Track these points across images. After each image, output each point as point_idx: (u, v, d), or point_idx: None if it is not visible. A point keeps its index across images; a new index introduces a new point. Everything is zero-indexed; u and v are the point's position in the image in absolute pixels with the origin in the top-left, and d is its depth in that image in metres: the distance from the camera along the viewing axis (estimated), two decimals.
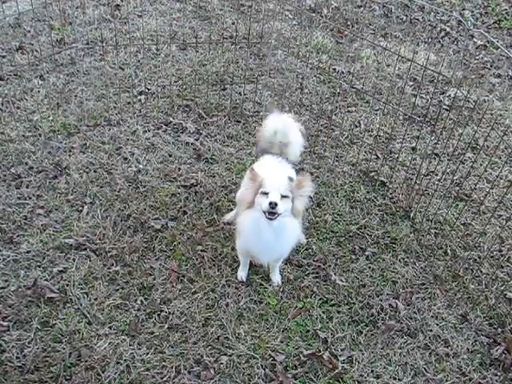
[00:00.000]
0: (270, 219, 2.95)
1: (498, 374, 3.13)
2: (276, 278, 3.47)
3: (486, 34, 3.60)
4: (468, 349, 3.25)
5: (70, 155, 4.22)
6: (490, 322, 3.42)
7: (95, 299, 3.24)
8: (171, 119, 4.69)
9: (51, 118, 4.52)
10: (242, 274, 3.46)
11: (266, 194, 2.95)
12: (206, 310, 3.27)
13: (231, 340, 3.11)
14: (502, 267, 3.77)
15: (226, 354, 3.05)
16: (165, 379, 2.91)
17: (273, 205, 2.89)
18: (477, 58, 6.38)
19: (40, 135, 4.35)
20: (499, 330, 3.37)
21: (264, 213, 2.95)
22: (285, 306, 3.33)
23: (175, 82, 5.10)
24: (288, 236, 3.13)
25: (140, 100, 4.88)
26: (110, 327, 3.12)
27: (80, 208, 3.81)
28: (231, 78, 5.01)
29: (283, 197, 2.96)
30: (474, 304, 3.48)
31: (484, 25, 7.10)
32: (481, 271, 3.72)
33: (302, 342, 3.16)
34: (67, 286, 3.29)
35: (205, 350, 3.05)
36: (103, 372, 2.91)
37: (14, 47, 5.32)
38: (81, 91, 4.86)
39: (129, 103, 4.79)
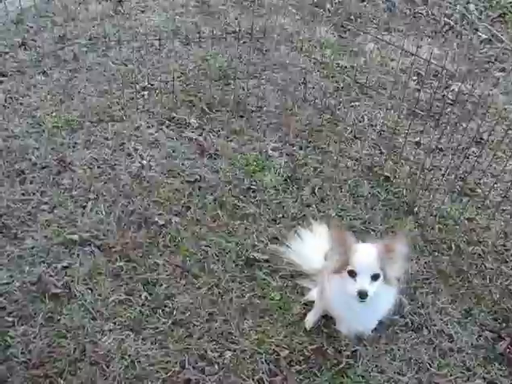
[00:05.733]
0: (361, 301, 2.61)
1: (503, 368, 3.13)
2: None
3: (491, 28, 3.58)
4: (472, 344, 3.24)
5: (73, 151, 4.23)
6: (494, 317, 3.40)
7: (99, 295, 3.25)
8: (174, 115, 4.68)
9: (54, 114, 4.52)
10: (342, 327, 3.16)
11: (353, 273, 2.63)
12: (210, 305, 3.27)
13: (235, 335, 3.12)
14: (507, 262, 3.76)
15: (230, 349, 3.06)
16: (169, 374, 2.92)
17: (363, 295, 2.57)
18: (481, 51, 6.35)
19: (43, 131, 4.35)
20: (503, 324, 3.36)
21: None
22: (289, 301, 3.33)
23: (178, 77, 5.08)
24: (380, 307, 2.87)
25: (143, 96, 4.87)
26: (115, 322, 3.13)
27: (84, 204, 3.82)
28: (234, 73, 4.99)
29: (374, 276, 2.62)
30: (479, 299, 3.47)
31: (488, 18, 7.06)
32: (485, 266, 3.70)
33: (306, 337, 3.16)
34: (71, 281, 3.30)
35: (209, 345, 3.06)
36: (108, 367, 2.92)
37: (17, 43, 5.32)
38: (84, 87, 4.86)
39: (132, 99, 4.78)
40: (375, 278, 2.62)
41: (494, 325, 3.36)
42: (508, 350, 3.21)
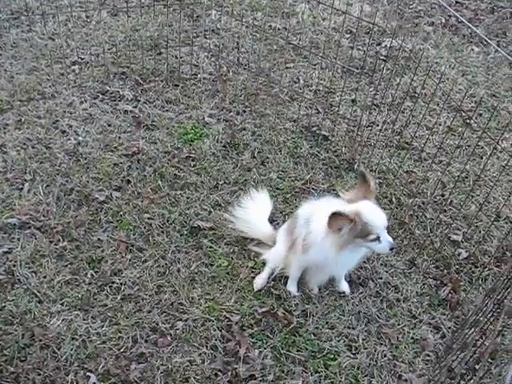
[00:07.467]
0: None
1: (446, 313, 3.26)
2: (345, 287, 3.34)
3: None
4: (417, 292, 3.36)
5: (4, 132, 4.08)
6: (436, 265, 3.53)
7: (44, 277, 3.19)
8: (108, 88, 4.58)
9: None
10: (294, 288, 3.30)
11: (377, 238, 2.82)
12: (158, 277, 3.26)
13: (185, 305, 3.12)
14: (445, 211, 3.88)
15: (181, 320, 3.06)
16: (122, 350, 2.91)
17: (395, 248, 2.96)
18: (410, 7, 6.42)
19: None
20: (445, 271, 3.49)
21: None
22: (236, 267, 3.35)
23: (109, 49, 4.95)
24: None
25: (74, 70, 4.73)
26: (62, 304, 3.08)
27: (20, 186, 3.71)
28: (166, 42, 4.90)
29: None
30: (421, 249, 3.58)
31: None
32: (425, 216, 3.81)
33: (255, 300, 3.19)
34: (14, 266, 3.22)
35: (160, 318, 3.06)
36: (59, 349, 2.88)
37: None
38: (10, 65, 4.68)
39: (62, 74, 4.64)
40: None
41: (437, 272, 3.48)
42: (450, 294, 3.34)
